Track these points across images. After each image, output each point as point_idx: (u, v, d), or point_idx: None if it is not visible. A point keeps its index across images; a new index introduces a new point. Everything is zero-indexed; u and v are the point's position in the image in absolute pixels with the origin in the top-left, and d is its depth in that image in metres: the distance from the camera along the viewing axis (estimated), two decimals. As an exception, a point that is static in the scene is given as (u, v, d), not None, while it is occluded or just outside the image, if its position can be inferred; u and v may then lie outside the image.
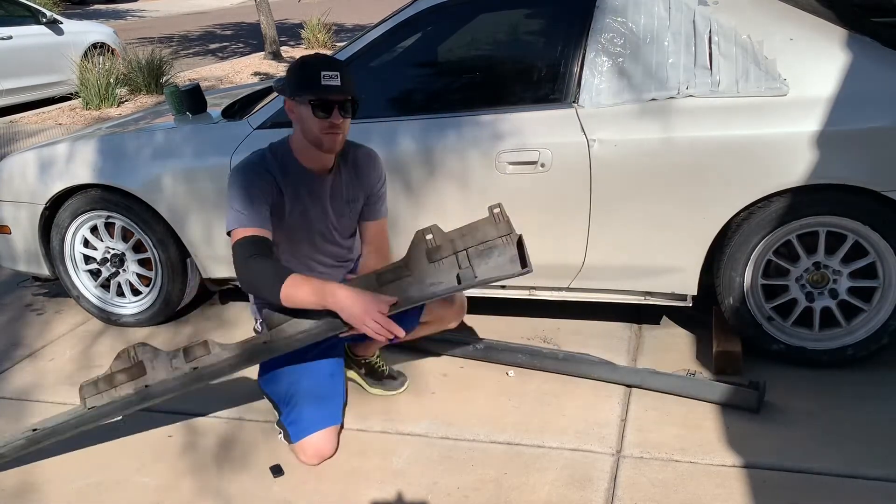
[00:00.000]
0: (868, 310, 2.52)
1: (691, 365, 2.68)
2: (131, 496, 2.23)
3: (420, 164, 2.73)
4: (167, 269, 3.13)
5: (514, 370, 2.73)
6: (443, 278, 2.14)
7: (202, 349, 2.25)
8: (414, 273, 2.15)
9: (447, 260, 2.15)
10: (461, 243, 2.15)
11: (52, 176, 3.13)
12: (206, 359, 2.25)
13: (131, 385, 2.26)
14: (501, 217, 2.14)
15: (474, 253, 2.15)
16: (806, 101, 2.39)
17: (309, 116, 2.16)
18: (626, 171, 2.53)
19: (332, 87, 2.11)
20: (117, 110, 7.80)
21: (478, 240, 2.15)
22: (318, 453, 2.28)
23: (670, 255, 2.60)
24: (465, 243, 2.15)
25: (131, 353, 2.27)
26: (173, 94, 3.29)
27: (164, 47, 10.74)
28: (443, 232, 2.16)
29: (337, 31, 12.58)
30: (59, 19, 8.78)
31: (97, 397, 2.28)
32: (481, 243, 2.15)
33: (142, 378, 2.26)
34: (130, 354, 2.27)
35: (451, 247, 2.16)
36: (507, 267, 2.12)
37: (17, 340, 3.27)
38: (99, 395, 2.28)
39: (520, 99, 2.76)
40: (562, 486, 2.13)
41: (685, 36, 2.52)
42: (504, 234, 2.14)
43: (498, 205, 2.15)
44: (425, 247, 2.16)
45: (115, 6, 21.88)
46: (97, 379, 2.28)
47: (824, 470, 2.11)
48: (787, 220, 2.46)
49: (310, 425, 2.28)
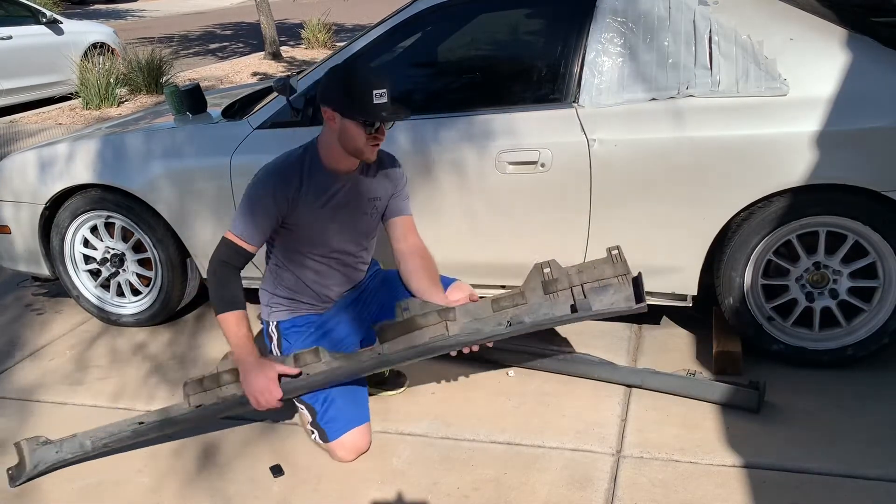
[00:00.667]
0: (868, 310, 2.52)
1: (691, 365, 2.68)
2: (131, 496, 2.23)
3: (420, 164, 2.73)
4: (167, 269, 3.13)
5: (514, 370, 2.73)
6: (556, 311, 2.23)
7: (312, 356, 2.27)
8: (529, 302, 2.23)
9: (563, 293, 2.23)
10: (577, 279, 2.24)
11: (52, 176, 3.13)
12: (315, 366, 2.26)
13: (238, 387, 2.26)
14: (619, 258, 2.22)
15: (589, 289, 2.23)
16: (806, 101, 2.39)
17: (356, 131, 2.19)
18: (626, 171, 2.53)
19: (384, 104, 2.16)
20: (117, 110, 7.80)
21: (594, 277, 2.23)
22: (356, 448, 2.30)
23: (670, 255, 2.60)
24: (581, 279, 2.23)
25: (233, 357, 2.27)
26: (173, 94, 3.29)
27: (164, 47, 10.73)
28: (560, 266, 2.24)
29: (337, 31, 12.58)
30: (59, 19, 8.78)
31: (201, 395, 2.29)
32: (597, 280, 2.23)
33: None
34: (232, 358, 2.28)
35: (568, 281, 2.24)
36: (621, 303, 2.21)
37: (17, 340, 3.27)
38: (203, 394, 2.29)
39: (520, 99, 2.76)
40: (562, 487, 2.13)
41: (685, 36, 2.52)
42: (621, 274, 2.22)
43: (616, 247, 2.23)
44: (542, 279, 2.24)
45: (115, 6, 21.88)
46: (203, 377, 2.30)
47: (824, 470, 2.11)
48: (788, 220, 2.45)
49: (348, 422, 2.29)
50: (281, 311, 2.46)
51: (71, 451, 2.35)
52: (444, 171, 2.71)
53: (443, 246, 2.79)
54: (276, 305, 2.46)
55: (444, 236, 2.78)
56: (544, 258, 2.66)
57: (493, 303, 2.26)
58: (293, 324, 2.44)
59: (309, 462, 2.32)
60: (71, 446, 2.35)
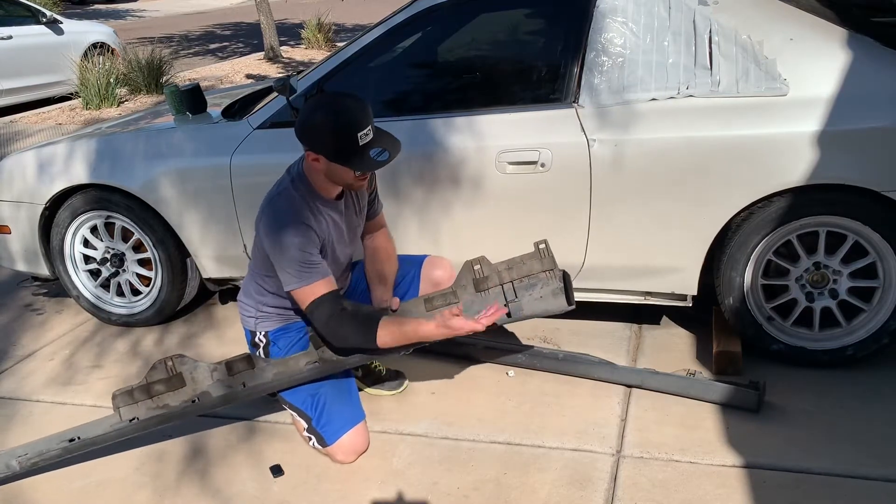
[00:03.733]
0: (868, 310, 2.52)
1: (691, 365, 2.68)
2: (131, 496, 2.23)
3: (420, 164, 2.73)
4: (167, 269, 3.13)
5: (514, 370, 2.73)
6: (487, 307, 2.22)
7: (245, 364, 2.25)
8: (461, 300, 2.27)
9: (493, 290, 2.28)
10: (507, 275, 2.28)
11: (51, 176, 3.13)
12: (249, 374, 2.26)
13: (171, 396, 2.24)
14: (546, 252, 2.27)
15: (519, 285, 2.27)
16: (806, 101, 2.39)
17: (344, 171, 2.11)
18: (626, 171, 2.53)
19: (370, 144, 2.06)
20: (117, 110, 7.80)
21: (523, 272, 2.28)
22: (356, 449, 2.30)
23: (670, 254, 2.60)
24: (510, 275, 2.27)
25: (168, 364, 2.25)
26: (173, 94, 3.29)
27: (164, 47, 10.74)
28: (490, 263, 2.27)
29: (337, 31, 12.58)
30: (59, 19, 8.77)
31: (132, 408, 2.25)
32: (526, 276, 2.28)
33: (181, 390, 2.24)
34: (168, 365, 2.25)
35: (498, 278, 2.28)
36: (551, 301, 2.26)
37: (17, 340, 3.26)
38: (135, 406, 2.25)
39: (520, 99, 2.76)
40: (562, 486, 2.13)
41: (685, 36, 2.52)
42: (548, 269, 2.27)
43: (543, 240, 2.27)
44: (473, 276, 2.28)
45: (115, 6, 21.88)
46: (132, 388, 2.25)
47: (824, 470, 2.11)
48: (788, 220, 2.45)
49: (343, 424, 2.28)
50: (269, 322, 2.38)
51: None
52: (443, 171, 2.71)
53: (442, 246, 2.79)
54: (264, 317, 2.38)
55: (444, 237, 2.78)
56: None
57: (425, 302, 2.28)
58: (284, 329, 2.39)
59: (309, 462, 2.32)
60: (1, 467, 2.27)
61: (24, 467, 2.28)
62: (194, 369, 2.26)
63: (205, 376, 2.27)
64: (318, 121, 2.07)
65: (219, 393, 2.27)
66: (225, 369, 2.26)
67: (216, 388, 2.27)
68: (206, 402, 2.27)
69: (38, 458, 2.28)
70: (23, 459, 2.28)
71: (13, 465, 2.27)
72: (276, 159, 2.64)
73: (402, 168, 2.74)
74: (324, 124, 2.06)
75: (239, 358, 2.27)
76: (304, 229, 2.12)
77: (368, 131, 2.07)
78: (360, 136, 2.05)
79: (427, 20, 2.83)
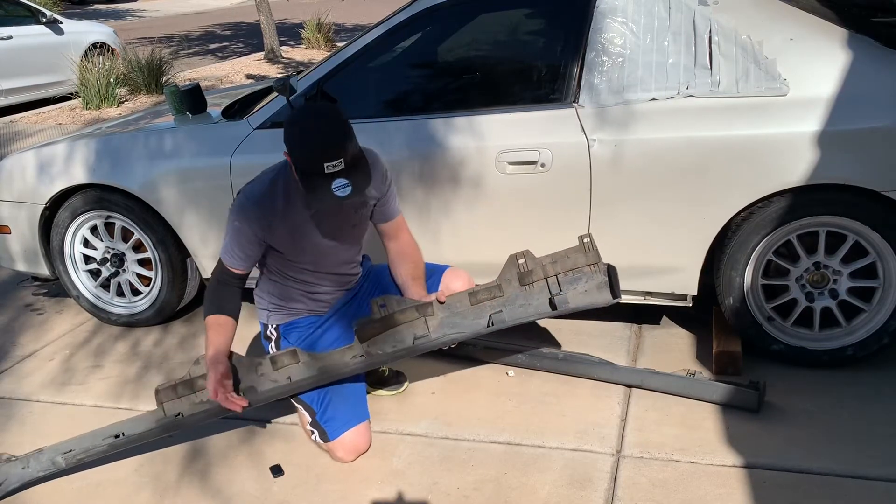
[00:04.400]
0: (868, 310, 2.52)
1: (691, 365, 2.68)
2: (131, 496, 2.23)
3: (420, 164, 2.73)
4: (167, 269, 3.13)
5: (514, 370, 2.73)
6: (532, 301, 2.26)
7: (290, 358, 2.25)
8: (505, 294, 2.26)
9: (538, 284, 2.26)
10: (552, 269, 2.27)
11: (51, 176, 3.13)
12: (294, 368, 2.25)
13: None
14: (591, 246, 2.26)
15: (564, 279, 2.26)
16: (806, 101, 2.39)
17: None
18: (626, 171, 2.53)
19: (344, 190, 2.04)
20: (117, 110, 7.80)
21: (567, 266, 2.26)
22: (357, 448, 2.30)
23: (670, 255, 2.59)
24: (555, 269, 2.26)
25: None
26: (173, 94, 3.29)
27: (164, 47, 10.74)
28: (534, 257, 2.27)
29: (337, 31, 12.58)
30: (59, 19, 8.78)
31: (176, 403, 2.26)
32: (571, 270, 2.26)
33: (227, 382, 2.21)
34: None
35: (542, 272, 2.27)
36: (596, 295, 2.25)
37: (18, 340, 3.26)
38: (178, 401, 2.26)
39: (520, 99, 2.76)
40: (562, 487, 2.13)
41: (685, 36, 2.52)
42: (592, 263, 2.26)
43: (588, 234, 2.26)
44: (517, 270, 2.27)
45: (115, 6, 21.88)
46: (175, 383, 2.25)
47: (824, 470, 2.11)
48: (788, 220, 2.45)
49: (346, 422, 2.29)
50: (279, 315, 2.46)
51: (40, 468, 2.28)
52: (443, 171, 2.71)
53: (442, 247, 2.79)
54: (274, 310, 2.46)
55: (444, 237, 2.78)
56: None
57: (469, 296, 2.26)
58: (294, 325, 2.45)
59: (309, 462, 2.32)
60: (39, 463, 2.28)
61: (70, 463, 2.29)
62: (238, 363, 2.25)
63: (249, 371, 2.25)
64: (295, 134, 2.06)
65: (264, 388, 2.25)
66: (270, 364, 2.25)
67: (261, 383, 2.25)
68: (252, 398, 2.24)
69: (83, 455, 2.29)
70: (69, 456, 2.28)
71: (59, 462, 2.28)
72: (276, 159, 2.63)
73: (402, 168, 2.74)
74: (298, 140, 2.05)
75: (284, 353, 2.26)
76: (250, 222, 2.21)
77: (339, 163, 2.01)
78: (327, 165, 2.00)
79: (427, 20, 2.84)
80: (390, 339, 2.24)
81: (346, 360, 2.27)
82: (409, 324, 2.24)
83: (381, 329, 2.24)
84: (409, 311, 2.24)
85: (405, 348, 2.25)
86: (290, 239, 2.27)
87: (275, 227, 2.24)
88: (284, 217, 2.24)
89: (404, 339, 2.24)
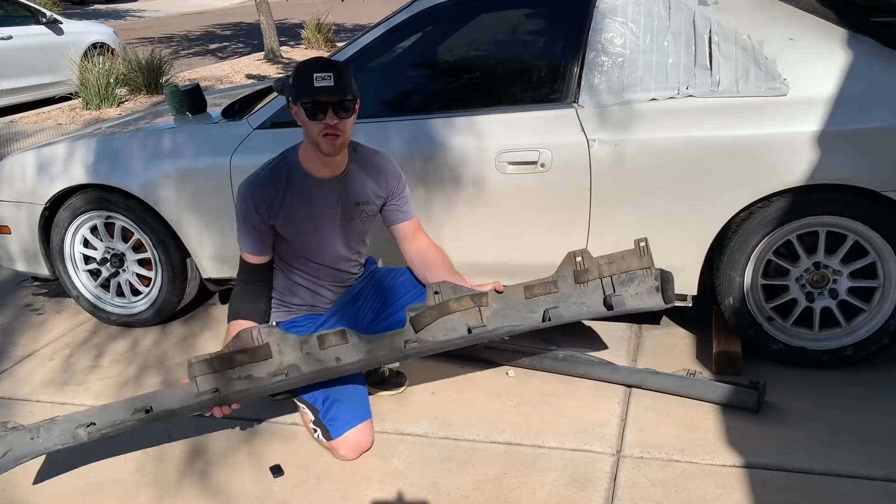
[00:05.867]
0: (868, 310, 2.52)
1: (691, 365, 2.68)
2: (131, 496, 2.23)
3: (420, 164, 2.73)
4: (167, 269, 3.13)
5: (514, 370, 2.73)
6: (586, 300, 2.31)
7: (338, 337, 2.18)
8: (560, 290, 2.30)
9: (592, 283, 2.32)
10: (607, 269, 2.33)
11: (51, 176, 3.13)
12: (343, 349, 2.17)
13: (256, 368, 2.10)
14: (646, 250, 2.32)
15: (618, 280, 2.32)
16: (806, 101, 2.39)
17: (306, 120, 2.20)
18: (625, 171, 2.53)
19: (325, 87, 2.15)
20: (117, 110, 7.80)
21: (622, 268, 2.33)
22: (359, 446, 2.30)
23: (670, 255, 2.59)
24: (610, 270, 2.32)
25: (254, 334, 2.14)
26: (173, 94, 3.29)
27: (164, 47, 10.74)
28: (592, 256, 2.32)
29: (337, 31, 12.59)
30: (59, 19, 8.77)
31: (210, 377, 2.13)
32: (625, 272, 2.33)
33: (268, 361, 2.12)
34: (253, 335, 2.14)
35: (598, 271, 2.32)
36: (646, 299, 2.35)
37: (18, 340, 3.26)
38: (213, 376, 2.12)
39: (519, 99, 2.76)
40: (562, 487, 2.13)
41: (685, 36, 2.52)
42: (646, 267, 2.32)
43: (644, 238, 2.33)
44: (574, 268, 2.31)
45: (115, 6, 21.89)
46: (211, 357, 2.12)
47: (824, 470, 2.11)
48: (787, 220, 2.45)
49: (351, 419, 2.30)
50: (280, 313, 2.48)
51: (58, 440, 2.15)
52: (443, 171, 2.71)
53: (443, 246, 2.78)
54: (276, 307, 2.49)
55: (444, 237, 2.78)
56: (544, 258, 2.67)
57: (525, 289, 2.27)
58: (293, 323, 2.46)
59: (309, 462, 2.32)
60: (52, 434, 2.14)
61: (93, 437, 2.16)
62: (282, 340, 2.16)
63: (294, 349, 2.16)
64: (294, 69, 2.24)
65: (309, 368, 2.16)
66: (316, 342, 2.17)
67: (306, 363, 2.17)
68: (295, 377, 2.14)
69: (109, 429, 2.15)
70: (92, 430, 2.15)
71: (80, 435, 2.14)
72: (276, 159, 2.64)
73: (402, 168, 2.74)
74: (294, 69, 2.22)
75: (333, 332, 2.18)
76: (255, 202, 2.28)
77: (328, 77, 2.14)
78: (317, 76, 2.14)
79: (427, 20, 2.84)
80: (442, 328, 2.20)
81: (397, 345, 2.21)
82: (463, 313, 2.21)
83: (436, 316, 2.19)
84: (465, 300, 2.22)
85: (460, 337, 2.20)
86: (295, 225, 2.32)
87: (276, 208, 2.29)
88: (285, 198, 2.30)
89: (457, 327, 2.21)
